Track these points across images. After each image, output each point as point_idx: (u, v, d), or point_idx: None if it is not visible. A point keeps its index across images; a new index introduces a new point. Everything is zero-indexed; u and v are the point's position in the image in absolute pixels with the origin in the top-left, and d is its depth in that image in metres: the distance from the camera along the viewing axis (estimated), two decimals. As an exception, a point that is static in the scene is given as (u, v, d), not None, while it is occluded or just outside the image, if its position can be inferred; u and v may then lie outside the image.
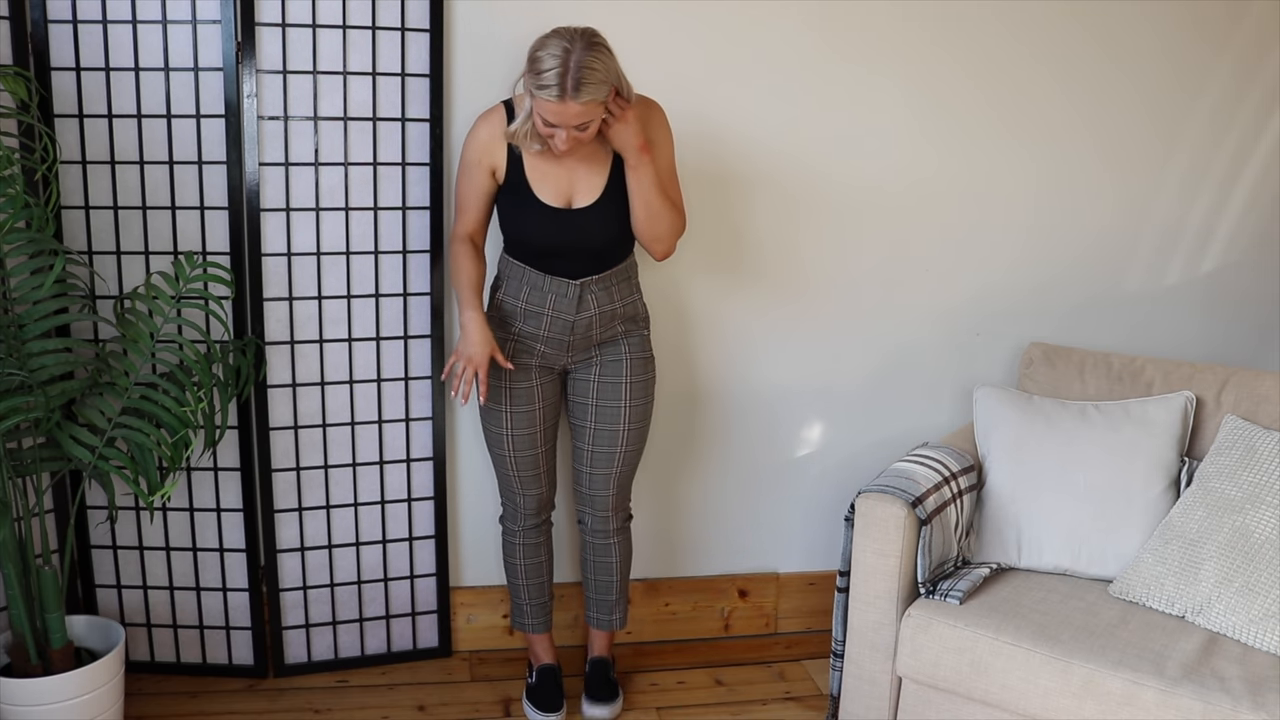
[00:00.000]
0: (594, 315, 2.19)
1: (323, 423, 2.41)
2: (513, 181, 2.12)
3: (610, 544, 2.40)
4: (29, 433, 2.05)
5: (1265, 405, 2.24)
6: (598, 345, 2.25)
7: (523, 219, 2.13)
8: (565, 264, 2.15)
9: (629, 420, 2.28)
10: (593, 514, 2.37)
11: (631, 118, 2.01)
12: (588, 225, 2.12)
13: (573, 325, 2.19)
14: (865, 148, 2.54)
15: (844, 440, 2.73)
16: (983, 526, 2.26)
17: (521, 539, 2.39)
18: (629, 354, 2.27)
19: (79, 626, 2.23)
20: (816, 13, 2.43)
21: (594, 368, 2.27)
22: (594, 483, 2.33)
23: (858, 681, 2.18)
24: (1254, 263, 2.83)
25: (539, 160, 2.10)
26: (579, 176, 2.12)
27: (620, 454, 2.31)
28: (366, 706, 2.42)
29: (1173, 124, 2.68)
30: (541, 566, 2.43)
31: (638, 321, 2.29)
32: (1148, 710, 1.83)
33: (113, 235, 2.28)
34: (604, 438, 2.29)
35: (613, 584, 2.43)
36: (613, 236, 2.16)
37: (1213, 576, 2.02)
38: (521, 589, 2.43)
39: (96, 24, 2.18)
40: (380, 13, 2.25)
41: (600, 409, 2.27)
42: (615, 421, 2.28)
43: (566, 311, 2.17)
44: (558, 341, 2.21)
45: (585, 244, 2.14)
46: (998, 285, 2.70)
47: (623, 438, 2.29)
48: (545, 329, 2.19)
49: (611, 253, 2.19)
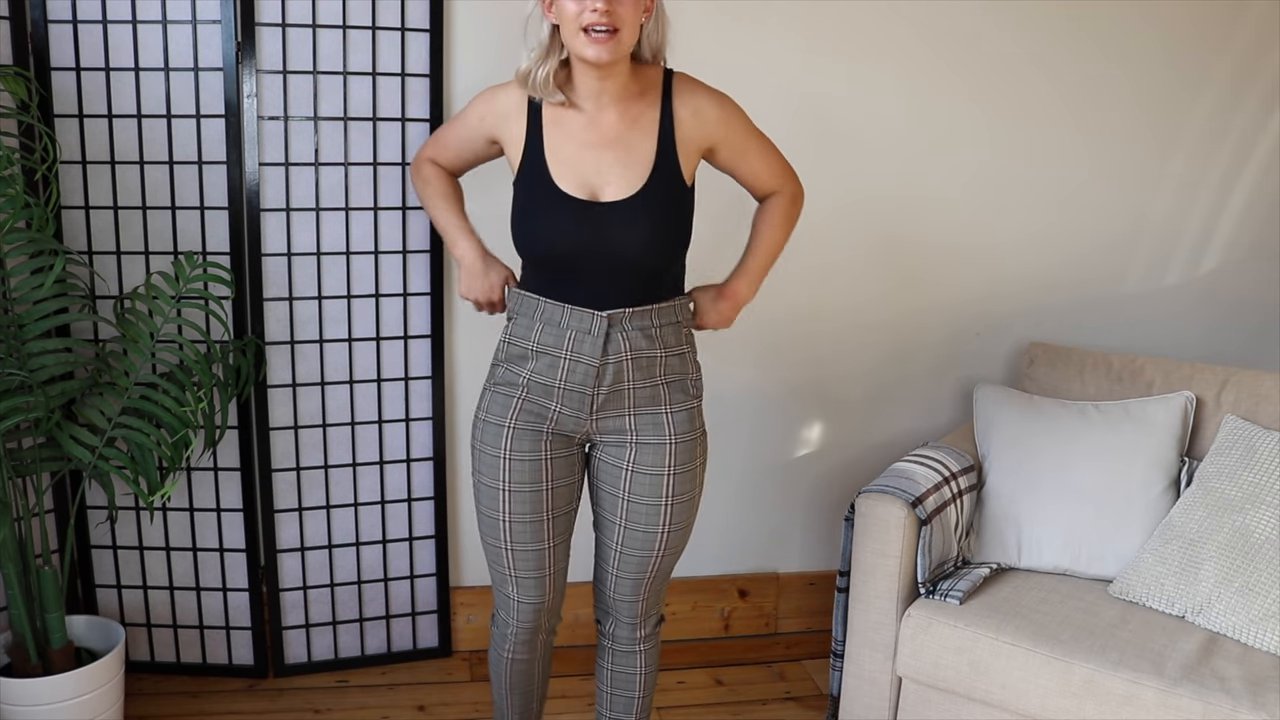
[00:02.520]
0: (626, 362, 1.72)
1: (323, 423, 2.41)
2: (529, 163, 1.72)
3: (635, 652, 1.94)
4: (29, 433, 2.05)
5: (1265, 405, 2.24)
6: (633, 413, 1.77)
7: (535, 213, 1.71)
8: (588, 288, 1.70)
9: (669, 521, 1.80)
10: (615, 620, 1.93)
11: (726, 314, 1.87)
12: (618, 226, 1.68)
13: (598, 373, 1.72)
14: (864, 147, 2.54)
15: (844, 440, 2.73)
16: (983, 526, 2.26)
17: (511, 652, 1.91)
18: (674, 433, 1.78)
19: (79, 626, 2.23)
20: (814, 11, 2.43)
21: (628, 450, 1.78)
22: (620, 588, 1.87)
23: (858, 681, 2.18)
24: (1254, 263, 2.83)
25: (563, 140, 1.71)
26: (612, 161, 1.70)
27: (656, 559, 1.83)
28: (366, 706, 2.42)
29: (1173, 124, 2.68)
30: (533, 679, 1.98)
31: (686, 388, 1.81)
32: (1148, 710, 1.83)
33: (113, 235, 2.28)
34: (635, 540, 1.82)
35: (634, 702, 1.97)
36: (650, 247, 1.70)
37: (1213, 576, 2.02)
38: (504, 695, 1.99)
39: (96, 24, 2.18)
40: (380, 13, 2.25)
41: (632, 505, 1.80)
42: (652, 523, 1.80)
43: (589, 354, 1.71)
44: (577, 396, 1.73)
45: (613, 252, 1.69)
46: (998, 285, 2.70)
47: (660, 541, 1.81)
48: (562, 379, 1.73)
49: (650, 275, 1.73)
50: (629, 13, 1.61)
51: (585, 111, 1.72)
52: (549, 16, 1.65)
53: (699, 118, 1.75)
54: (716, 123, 1.76)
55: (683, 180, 1.74)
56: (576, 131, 1.72)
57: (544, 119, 1.73)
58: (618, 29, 1.60)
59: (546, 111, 1.73)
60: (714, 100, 1.77)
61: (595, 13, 1.58)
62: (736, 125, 1.79)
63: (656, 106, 1.73)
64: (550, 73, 1.68)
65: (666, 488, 1.78)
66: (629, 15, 1.61)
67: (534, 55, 1.68)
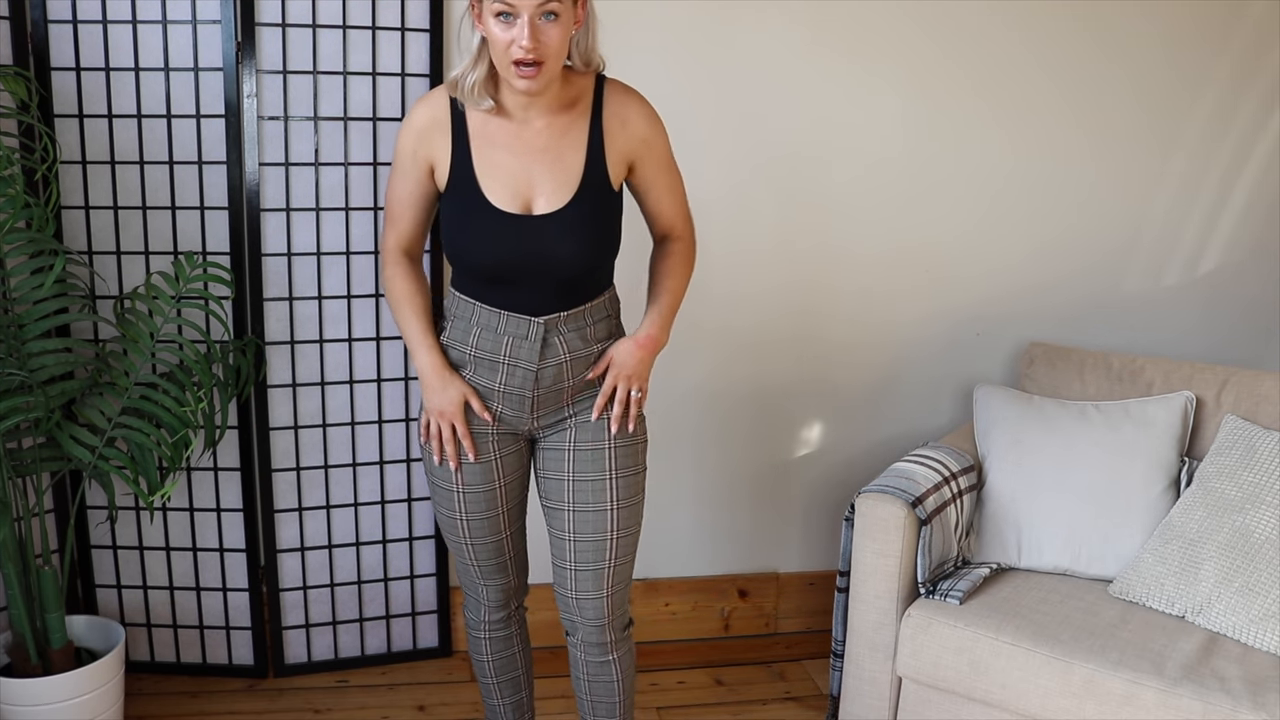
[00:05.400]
0: (564, 363, 1.75)
1: (323, 423, 2.41)
2: (457, 178, 1.70)
3: (608, 661, 1.89)
4: (29, 433, 2.05)
5: (1265, 405, 2.24)
6: (571, 403, 1.80)
7: (466, 227, 1.70)
8: (524, 295, 1.71)
9: (617, 496, 1.79)
10: (583, 623, 1.86)
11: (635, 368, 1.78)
12: (550, 239, 1.68)
13: (536, 377, 1.74)
14: (864, 148, 2.54)
15: (844, 440, 2.73)
16: (983, 526, 2.26)
17: (487, 633, 1.98)
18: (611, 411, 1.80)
19: (79, 626, 2.23)
20: (813, 10, 2.43)
21: (568, 432, 1.81)
22: (581, 583, 1.83)
23: (858, 681, 2.18)
24: (1254, 263, 2.82)
25: (491, 151, 1.69)
26: (542, 173, 1.69)
27: (610, 542, 1.81)
28: (366, 706, 2.42)
29: (1173, 124, 2.68)
30: (515, 660, 2.02)
31: None
32: (1148, 710, 1.83)
33: (113, 235, 2.28)
34: (587, 522, 1.80)
35: (616, 706, 1.94)
36: (583, 258, 1.71)
37: (1213, 576, 2.02)
38: (493, 689, 2.03)
39: (96, 24, 2.18)
40: (380, 13, 2.25)
41: (578, 484, 1.80)
42: (600, 500, 1.79)
43: (527, 359, 1.73)
44: (518, 399, 1.77)
45: (548, 266, 1.69)
46: (998, 285, 2.70)
47: (611, 520, 1.80)
48: (502, 383, 1.76)
49: (583, 282, 1.75)
50: (557, 41, 1.58)
51: (514, 119, 1.69)
52: (479, 28, 1.61)
53: (626, 129, 1.72)
54: (640, 140, 1.74)
55: (611, 188, 1.73)
56: (504, 140, 1.69)
57: (470, 128, 1.70)
58: (545, 61, 1.57)
59: (472, 120, 1.70)
60: (642, 115, 1.74)
61: (522, 49, 1.55)
62: (657, 150, 1.76)
63: (586, 116, 1.71)
64: (479, 81, 1.65)
65: (609, 461, 1.79)
66: (557, 44, 1.58)
67: (464, 63, 1.65)
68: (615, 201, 1.75)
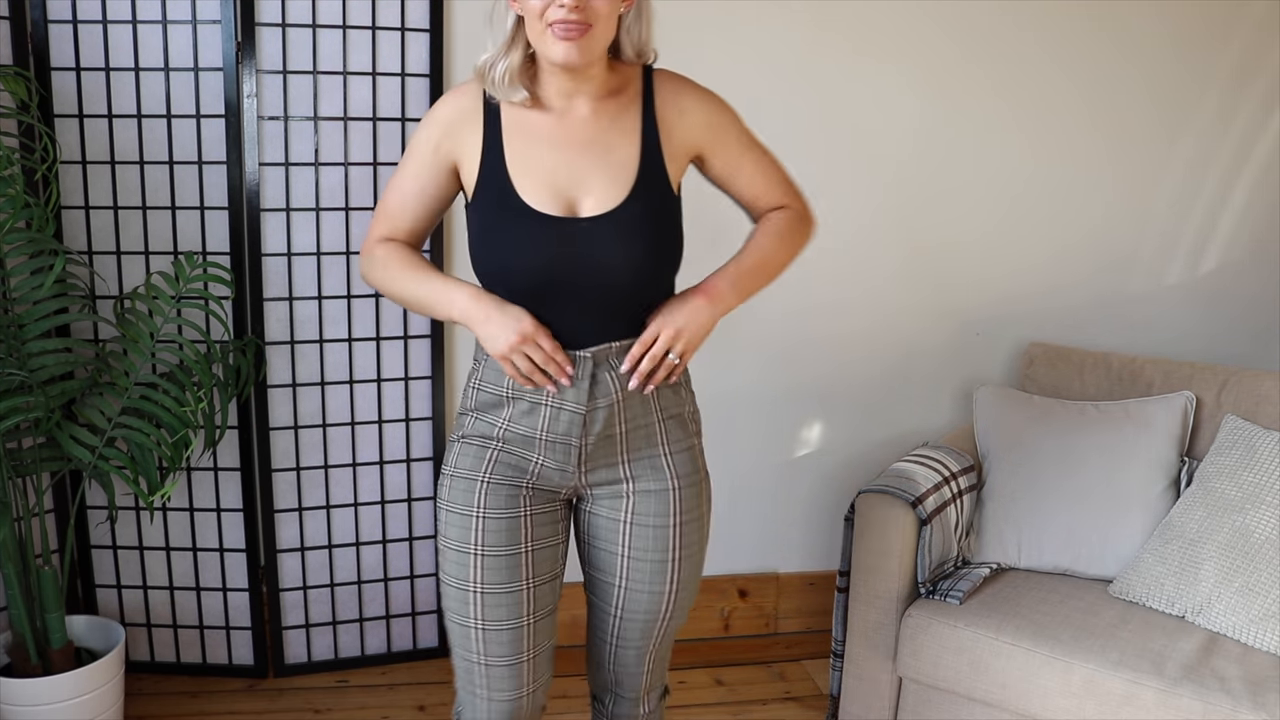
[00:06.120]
0: (616, 407, 1.46)
1: (323, 423, 2.41)
2: (487, 176, 1.44)
3: None
4: (29, 433, 2.05)
5: (1265, 405, 2.24)
6: (627, 459, 1.51)
7: (497, 236, 1.43)
8: (569, 320, 1.43)
9: (677, 579, 1.55)
10: (615, 696, 1.68)
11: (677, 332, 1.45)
12: (600, 246, 1.41)
13: (584, 421, 1.46)
14: (865, 146, 2.54)
15: (844, 440, 2.73)
16: (983, 526, 2.26)
17: None
18: (676, 475, 1.53)
19: (79, 626, 2.23)
20: (818, 4, 2.42)
21: (625, 501, 1.52)
22: (621, 659, 1.62)
23: (858, 681, 2.18)
24: (1254, 263, 2.83)
25: (527, 145, 1.44)
26: (588, 168, 1.43)
27: (662, 624, 1.58)
28: (366, 706, 2.42)
29: (1172, 125, 2.68)
30: None
31: (684, 423, 1.57)
32: (1148, 710, 1.83)
33: (113, 235, 2.28)
34: (638, 602, 1.56)
35: None
36: (640, 269, 1.43)
37: (1213, 576, 2.02)
38: None
39: (96, 24, 2.18)
40: (380, 13, 2.25)
41: (634, 562, 1.54)
42: (657, 582, 1.54)
43: (574, 399, 1.44)
44: (562, 448, 1.47)
45: (597, 280, 1.42)
46: (998, 285, 2.70)
47: (667, 603, 1.56)
48: (543, 428, 1.46)
49: (639, 302, 1.46)
50: (604, 5, 1.36)
51: (553, 110, 1.46)
52: (514, 6, 1.40)
53: (685, 119, 1.49)
54: (705, 127, 1.51)
55: (671, 189, 1.48)
56: (544, 132, 1.44)
57: (504, 123, 1.46)
58: (590, 25, 1.35)
59: (507, 114, 1.46)
60: (702, 100, 1.51)
61: (563, 8, 1.33)
62: (729, 131, 1.53)
63: (637, 105, 1.47)
64: (512, 68, 1.42)
65: (673, 540, 1.54)
66: (604, 8, 1.36)
67: (495, 48, 1.43)
68: (675, 204, 1.50)
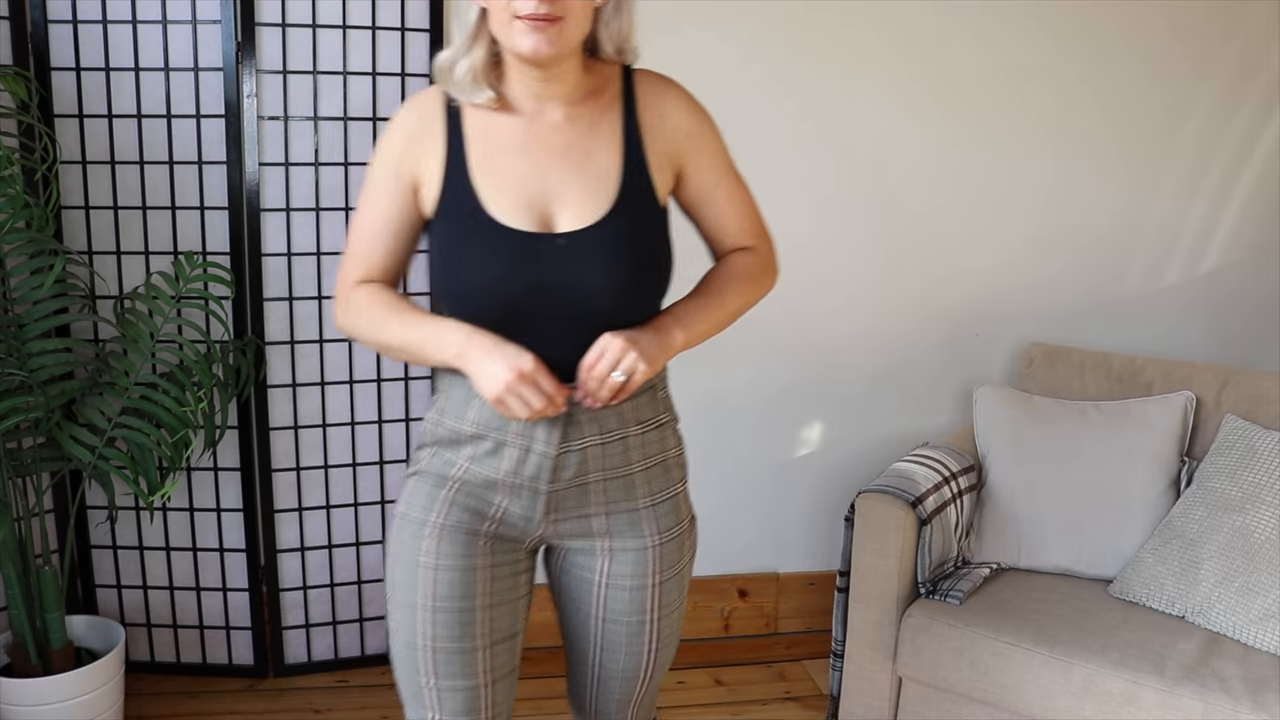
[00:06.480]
0: (593, 450, 1.31)
1: (323, 423, 2.41)
2: (451, 190, 1.27)
3: None
4: (29, 433, 2.05)
5: (1265, 405, 2.24)
6: (603, 511, 1.36)
7: (463, 255, 1.26)
8: (541, 349, 1.23)
9: (656, 638, 1.42)
10: None
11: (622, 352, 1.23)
12: (578, 266, 1.25)
13: (555, 464, 1.30)
14: (863, 145, 2.54)
15: (844, 440, 2.73)
16: (983, 526, 2.26)
17: None
18: (657, 532, 1.39)
19: (79, 626, 2.23)
20: (810, 13, 2.42)
21: (598, 560, 1.38)
22: (602, 706, 1.50)
23: (858, 681, 2.18)
24: (1254, 262, 2.83)
25: (495, 154, 1.28)
26: (564, 178, 1.28)
27: (643, 681, 1.46)
28: (366, 706, 2.42)
29: (1171, 125, 2.68)
30: None
31: (669, 469, 1.40)
32: (1148, 710, 1.83)
33: (113, 235, 2.28)
34: (615, 663, 1.43)
35: None
36: (622, 293, 1.27)
37: (1213, 576, 2.02)
38: None
39: (96, 24, 2.18)
40: (380, 13, 2.25)
41: (609, 625, 1.41)
42: (635, 644, 1.41)
43: (544, 439, 1.29)
44: (529, 493, 1.32)
45: (574, 305, 1.25)
46: (998, 285, 2.70)
47: (647, 662, 1.43)
48: (507, 471, 1.30)
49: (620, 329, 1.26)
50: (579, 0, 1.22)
51: (523, 114, 1.30)
52: None
53: (666, 124, 1.33)
54: (685, 136, 1.34)
55: (658, 201, 1.32)
56: (512, 138, 1.28)
57: (466, 128, 1.29)
58: (562, 18, 1.20)
59: (470, 118, 1.30)
60: (685, 107, 1.35)
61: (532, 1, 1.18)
62: (708, 147, 1.37)
63: (617, 108, 1.32)
64: (475, 66, 1.27)
65: (650, 600, 1.39)
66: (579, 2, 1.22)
67: (458, 42, 1.28)
68: (662, 219, 1.33)
